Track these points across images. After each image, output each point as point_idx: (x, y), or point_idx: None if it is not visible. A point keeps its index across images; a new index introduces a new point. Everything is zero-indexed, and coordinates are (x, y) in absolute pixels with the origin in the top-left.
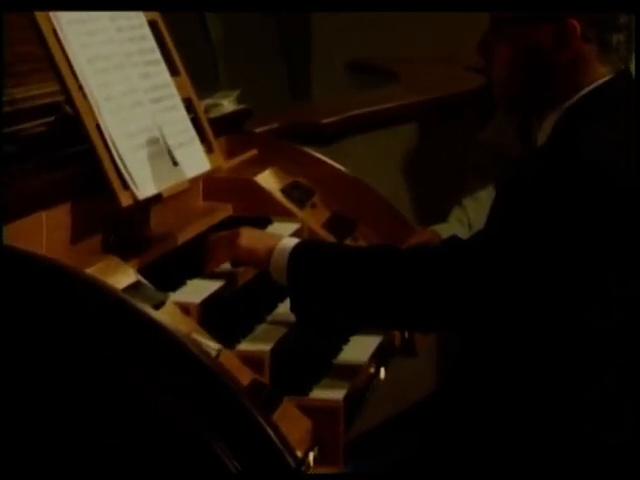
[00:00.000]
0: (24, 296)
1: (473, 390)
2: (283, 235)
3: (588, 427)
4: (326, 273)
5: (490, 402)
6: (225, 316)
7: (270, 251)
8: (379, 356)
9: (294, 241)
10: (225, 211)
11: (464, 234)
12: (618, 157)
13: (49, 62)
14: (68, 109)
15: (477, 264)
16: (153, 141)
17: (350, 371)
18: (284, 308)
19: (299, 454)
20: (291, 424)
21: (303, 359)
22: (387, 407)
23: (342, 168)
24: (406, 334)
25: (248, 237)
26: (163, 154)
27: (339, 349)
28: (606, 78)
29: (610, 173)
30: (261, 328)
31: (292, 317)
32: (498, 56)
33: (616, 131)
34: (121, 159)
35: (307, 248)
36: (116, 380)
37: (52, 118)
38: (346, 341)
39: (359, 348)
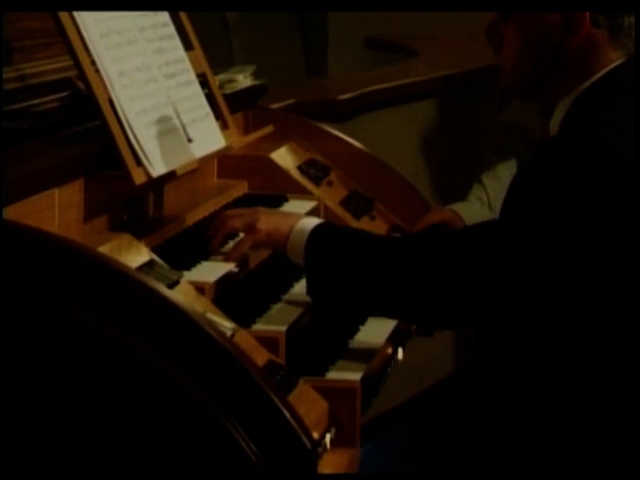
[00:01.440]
0: (35, 276)
1: (487, 379)
2: (301, 214)
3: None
4: (344, 259)
5: (503, 394)
6: (240, 296)
7: (289, 232)
8: (396, 337)
9: (312, 222)
10: (240, 189)
11: (484, 213)
12: (630, 143)
13: (61, 36)
14: (80, 85)
15: (491, 257)
16: (167, 117)
17: (367, 352)
18: (300, 288)
19: (315, 435)
20: (307, 405)
21: (319, 340)
22: (405, 389)
23: (359, 145)
24: None
25: (266, 221)
26: (177, 131)
27: (356, 329)
28: (618, 62)
29: (621, 161)
30: (276, 308)
31: (308, 297)
32: (507, 42)
33: (628, 117)
34: (134, 136)
35: (325, 231)
36: (131, 360)
37: (64, 94)
38: (363, 321)
39: (376, 329)
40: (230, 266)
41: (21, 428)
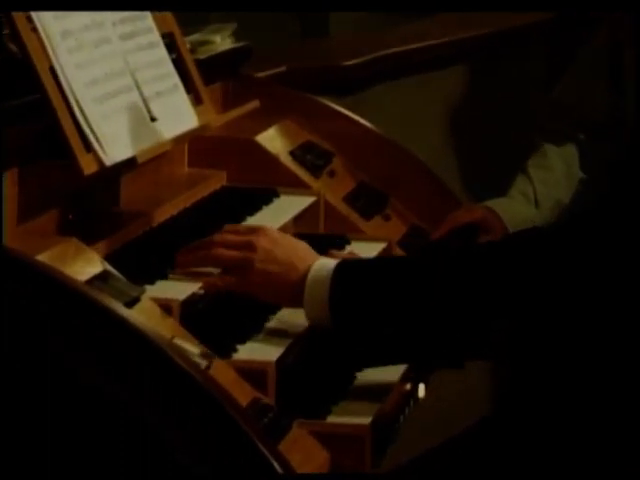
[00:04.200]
0: None
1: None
2: (309, 253)
3: None
4: (376, 296)
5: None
6: (217, 317)
7: (298, 286)
8: (416, 369)
9: (328, 267)
10: (217, 181)
11: (529, 212)
12: None
13: None
14: (13, 47)
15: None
16: (124, 89)
17: (379, 388)
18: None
19: None
20: (303, 455)
21: (318, 373)
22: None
23: (369, 125)
24: None
25: (261, 272)
26: (137, 107)
27: None
28: None
29: None
30: (264, 332)
31: (301, 316)
32: None
33: None
34: (82, 113)
35: (350, 270)
36: (81, 395)
37: None
38: None
39: None
40: (205, 279)
41: None
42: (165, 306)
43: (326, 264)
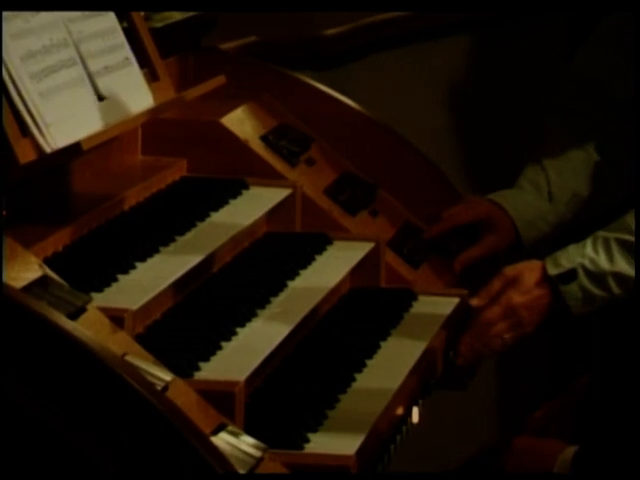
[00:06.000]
0: None
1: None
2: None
3: None
4: None
5: None
6: (176, 329)
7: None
8: (409, 390)
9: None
10: (176, 170)
11: (541, 206)
12: None
13: None
14: None
15: None
16: (67, 63)
17: (367, 412)
18: (265, 318)
19: None
20: None
21: (295, 394)
22: (423, 466)
23: (355, 105)
24: (451, 356)
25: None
26: (82, 84)
27: (350, 380)
28: None
29: None
30: (230, 347)
31: (277, 329)
32: None
33: None
34: (18, 92)
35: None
36: (15, 418)
37: None
38: (360, 368)
39: (379, 378)
40: (162, 285)
41: None
42: (115, 317)
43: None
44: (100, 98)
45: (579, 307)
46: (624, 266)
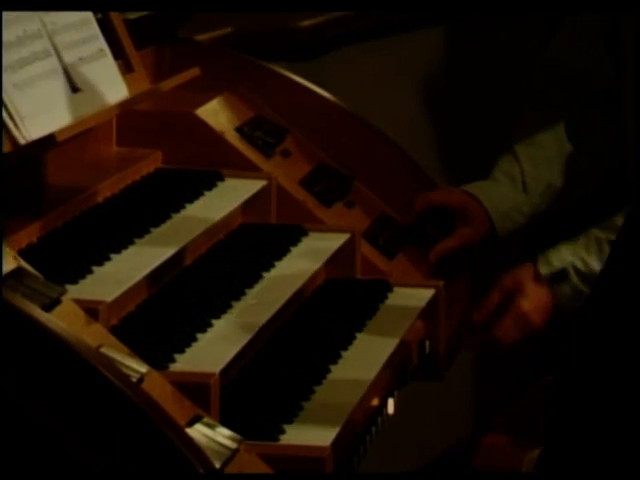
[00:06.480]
0: None
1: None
2: None
3: None
4: None
5: None
6: (151, 321)
7: None
8: (385, 381)
9: None
10: (151, 162)
11: (515, 197)
12: None
13: None
14: None
15: None
16: (41, 55)
17: (342, 404)
18: (241, 309)
19: None
20: None
21: (270, 386)
22: (398, 458)
23: (330, 96)
24: (426, 347)
25: None
26: (56, 75)
27: (325, 371)
28: None
29: None
30: (206, 339)
31: (252, 320)
32: None
33: None
34: None
35: None
36: None
37: None
38: (335, 359)
39: (355, 368)
40: (137, 277)
41: None
42: (90, 309)
43: None
44: (74, 90)
45: (570, 305)
46: None
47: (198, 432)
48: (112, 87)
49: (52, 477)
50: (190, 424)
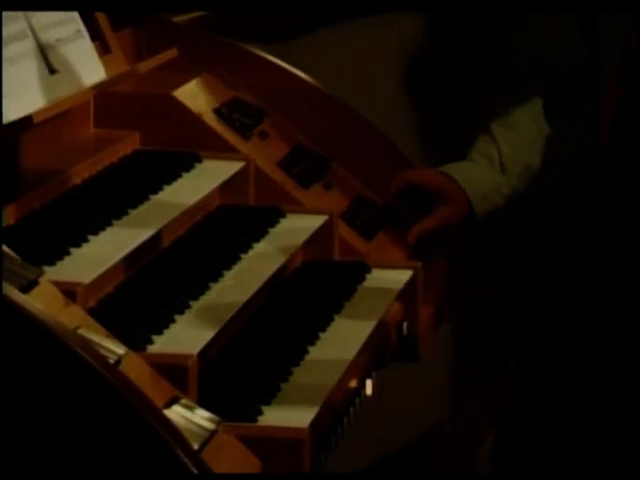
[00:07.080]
0: None
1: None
2: None
3: None
4: None
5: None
6: (129, 302)
7: None
8: (363, 362)
9: None
10: (129, 143)
11: (493, 178)
12: None
13: None
14: None
15: None
16: (17, 36)
17: (320, 385)
18: (218, 291)
19: None
20: (230, 464)
21: (248, 367)
22: (376, 440)
23: (308, 78)
24: (404, 328)
25: None
26: (33, 56)
27: (303, 352)
28: None
29: None
30: (184, 320)
31: (230, 302)
32: None
33: None
34: None
35: None
36: None
37: None
38: (313, 340)
39: (334, 350)
40: (115, 259)
41: None
42: (68, 291)
43: None
44: (51, 71)
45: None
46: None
47: (176, 413)
48: (89, 68)
49: (31, 459)
50: (168, 405)
